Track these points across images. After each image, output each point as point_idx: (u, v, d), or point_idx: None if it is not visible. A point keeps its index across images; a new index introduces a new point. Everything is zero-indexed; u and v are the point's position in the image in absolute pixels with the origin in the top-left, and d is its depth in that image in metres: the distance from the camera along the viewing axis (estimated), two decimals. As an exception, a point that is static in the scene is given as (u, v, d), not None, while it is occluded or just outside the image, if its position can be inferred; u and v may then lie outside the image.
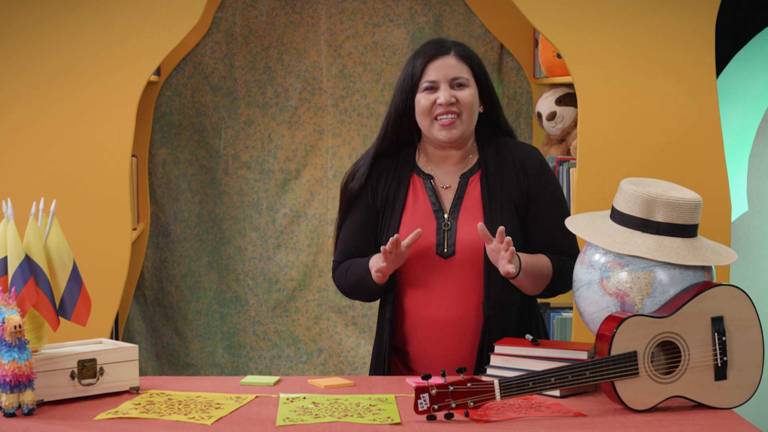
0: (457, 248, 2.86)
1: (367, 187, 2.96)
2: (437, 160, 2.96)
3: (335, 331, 4.68)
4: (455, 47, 2.91)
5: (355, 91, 4.62)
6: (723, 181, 3.63)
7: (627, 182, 2.63)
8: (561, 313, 4.30)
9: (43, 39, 3.67)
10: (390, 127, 2.94)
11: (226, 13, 4.58)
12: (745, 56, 4.39)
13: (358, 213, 2.97)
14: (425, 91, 2.88)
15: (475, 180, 2.92)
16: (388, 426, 2.32)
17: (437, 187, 2.94)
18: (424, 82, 2.88)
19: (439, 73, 2.87)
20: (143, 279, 4.67)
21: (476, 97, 2.90)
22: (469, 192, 2.92)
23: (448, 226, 2.89)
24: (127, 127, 3.69)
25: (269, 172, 4.63)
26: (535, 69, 4.60)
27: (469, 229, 2.86)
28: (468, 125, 2.89)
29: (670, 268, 2.53)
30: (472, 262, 2.85)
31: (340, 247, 3.00)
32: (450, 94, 2.85)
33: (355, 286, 2.94)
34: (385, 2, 4.59)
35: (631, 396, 2.42)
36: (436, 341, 2.88)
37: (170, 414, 2.41)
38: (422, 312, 2.89)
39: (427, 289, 2.88)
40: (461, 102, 2.86)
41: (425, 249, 2.87)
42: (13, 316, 2.36)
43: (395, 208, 2.92)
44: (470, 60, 2.91)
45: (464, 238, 2.86)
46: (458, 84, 2.87)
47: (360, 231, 2.97)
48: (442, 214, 2.90)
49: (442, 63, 2.88)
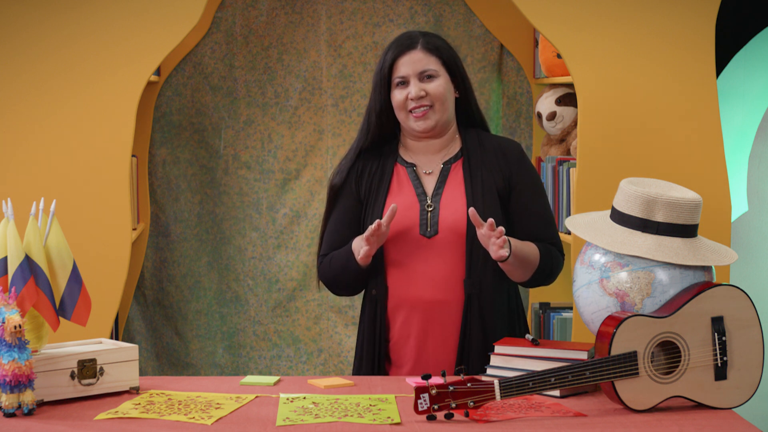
0: (440, 228, 2.92)
1: (350, 180, 3.03)
2: (418, 150, 3.03)
3: (335, 331, 4.68)
4: (423, 39, 2.98)
5: (355, 91, 4.62)
6: (723, 181, 3.63)
7: (627, 182, 2.63)
8: (561, 313, 4.30)
9: (43, 39, 3.67)
10: (372, 123, 3.02)
11: (226, 13, 4.58)
12: (745, 56, 4.39)
13: (343, 204, 3.03)
14: (398, 86, 2.96)
15: (457, 166, 2.99)
16: (388, 426, 2.32)
17: (420, 174, 3.00)
18: (396, 78, 2.97)
19: (407, 68, 2.95)
20: (143, 279, 4.67)
21: (447, 86, 2.97)
22: (452, 177, 2.98)
23: (431, 207, 2.94)
24: (127, 127, 3.69)
25: (269, 172, 4.63)
26: (535, 69, 4.60)
27: (451, 209, 2.92)
28: (441, 114, 2.96)
29: (670, 268, 2.53)
30: (455, 242, 2.91)
31: (326, 239, 3.05)
32: (419, 87, 2.94)
33: (340, 273, 2.97)
34: (385, 2, 4.59)
35: (631, 396, 2.42)
36: (418, 322, 2.92)
37: (170, 414, 2.41)
38: (405, 292, 2.93)
39: (410, 270, 2.93)
40: (431, 94, 2.94)
41: (408, 229, 2.93)
42: (13, 316, 2.36)
43: (379, 195, 2.98)
44: (438, 51, 2.98)
45: (447, 219, 2.92)
46: (427, 76, 2.95)
47: (345, 222, 3.02)
48: (425, 197, 2.96)
49: (409, 58, 2.96)
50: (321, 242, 3.07)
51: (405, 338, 2.95)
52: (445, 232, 2.91)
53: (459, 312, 2.91)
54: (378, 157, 3.04)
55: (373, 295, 2.97)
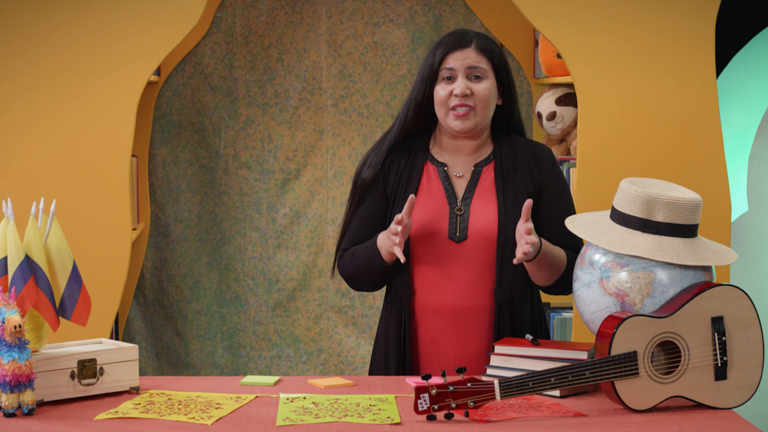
0: (469, 233, 2.87)
1: (379, 175, 2.96)
2: (451, 150, 2.97)
3: (335, 331, 4.68)
4: (477, 39, 2.93)
5: (355, 91, 4.62)
6: (723, 181, 3.63)
7: (627, 182, 2.63)
8: (561, 313, 4.30)
9: (43, 39, 3.67)
10: (410, 116, 2.96)
11: (226, 13, 4.58)
12: (745, 56, 4.39)
13: (371, 201, 2.97)
14: (443, 81, 2.90)
15: (489, 169, 2.94)
16: (388, 426, 2.32)
17: (451, 175, 2.95)
18: (443, 70, 2.90)
19: (457, 63, 2.89)
20: (143, 279, 4.67)
21: (493, 91, 2.91)
22: (483, 180, 2.93)
23: (461, 211, 2.89)
24: (127, 127, 3.69)
25: (269, 172, 4.63)
26: (535, 69, 4.60)
27: (481, 214, 2.87)
28: (482, 117, 2.91)
29: (670, 268, 2.53)
30: (485, 248, 2.86)
31: (350, 234, 2.99)
32: (466, 85, 2.88)
33: (364, 268, 2.92)
34: (385, 2, 4.59)
35: (631, 396, 2.42)
36: (445, 328, 2.88)
37: (170, 414, 2.41)
38: (430, 297, 2.89)
39: (437, 274, 2.88)
40: (476, 94, 2.88)
41: (436, 233, 2.88)
42: (13, 316, 2.36)
43: (408, 194, 2.92)
44: (491, 53, 2.92)
45: (477, 223, 2.87)
46: (475, 76, 2.90)
47: (372, 219, 2.97)
48: (455, 200, 2.91)
49: (462, 54, 2.90)
50: (342, 235, 3.01)
51: (428, 343, 2.90)
52: (475, 238, 2.86)
53: (485, 320, 2.87)
54: (408, 152, 2.98)
55: (398, 297, 2.92)
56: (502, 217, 2.86)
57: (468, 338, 2.88)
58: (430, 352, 2.91)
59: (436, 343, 2.89)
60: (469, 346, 2.88)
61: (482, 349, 2.87)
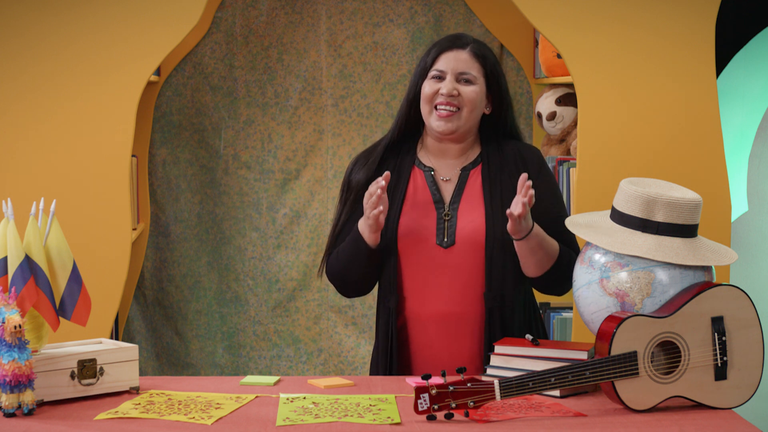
0: (457, 238, 2.85)
1: (373, 178, 2.93)
2: (437, 153, 2.96)
3: (335, 331, 4.68)
4: (473, 44, 2.92)
5: (355, 91, 4.62)
6: (723, 181, 3.63)
7: (627, 182, 2.63)
8: (561, 313, 4.30)
9: (43, 39, 3.67)
10: (402, 115, 2.96)
11: (226, 13, 4.58)
12: (745, 56, 4.39)
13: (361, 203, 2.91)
14: (432, 79, 2.89)
15: (476, 173, 2.93)
16: (388, 426, 2.32)
17: (438, 180, 2.94)
18: (433, 71, 2.89)
19: (448, 64, 2.89)
20: (143, 279, 4.67)
21: (480, 96, 2.90)
22: (470, 184, 2.92)
23: (449, 216, 2.88)
24: (127, 127, 3.69)
25: (269, 172, 4.63)
26: (535, 69, 4.60)
27: (469, 219, 2.86)
28: (466, 121, 2.89)
29: (670, 268, 2.53)
30: (473, 253, 2.85)
31: (340, 238, 2.96)
32: (453, 86, 2.87)
33: (350, 260, 2.88)
34: (385, 2, 4.59)
35: (631, 396, 2.42)
36: (436, 334, 2.87)
37: (170, 414, 2.41)
38: (420, 304, 2.88)
39: (426, 281, 2.87)
40: (463, 97, 2.87)
41: (425, 239, 2.86)
42: (13, 316, 2.36)
43: (395, 199, 2.91)
44: (484, 59, 2.91)
45: (464, 228, 2.86)
46: (465, 79, 2.88)
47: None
48: (443, 205, 2.90)
49: (454, 55, 2.89)
50: (333, 238, 2.97)
51: (419, 349, 2.90)
52: (463, 243, 2.85)
53: (477, 325, 2.86)
54: (396, 155, 2.97)
55: (386, 304, 2.91)
56: (489, 221, 2.85)
57: (459, 343, 2.87)
58: (421, 358, 2.90)
59: (427, 348, 2.89)
60: (461, 351, 2.87)
61: (474, 354, 2.87)
